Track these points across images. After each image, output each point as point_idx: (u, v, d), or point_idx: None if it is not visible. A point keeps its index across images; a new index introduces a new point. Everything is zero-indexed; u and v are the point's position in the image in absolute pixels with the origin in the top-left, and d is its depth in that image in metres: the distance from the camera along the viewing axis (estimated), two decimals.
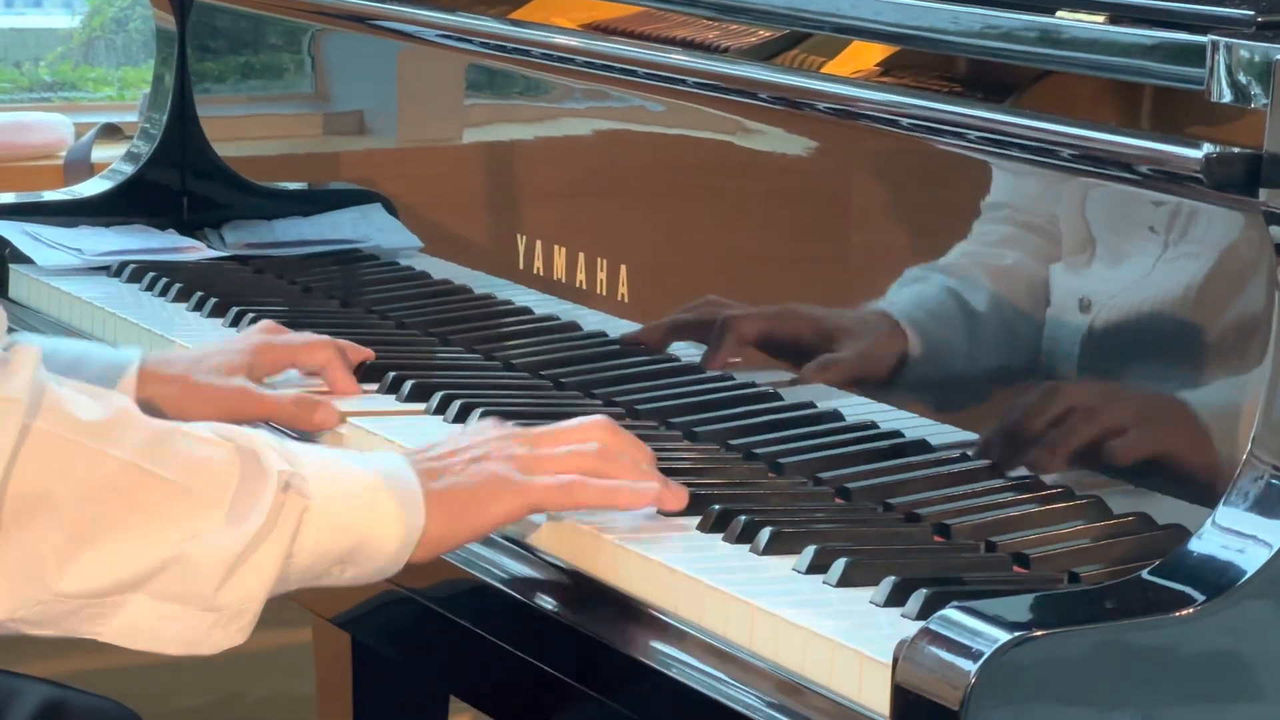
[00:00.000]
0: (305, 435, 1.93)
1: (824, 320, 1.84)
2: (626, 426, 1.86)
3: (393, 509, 1.64)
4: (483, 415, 1.86)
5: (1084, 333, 1.64)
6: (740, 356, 1.90)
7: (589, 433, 1.72)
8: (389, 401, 1.98)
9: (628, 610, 1.61)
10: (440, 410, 1.92)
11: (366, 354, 2.07)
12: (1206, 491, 1.46)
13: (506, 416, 1.81)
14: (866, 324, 1.81)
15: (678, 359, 1.94)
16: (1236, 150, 1.43)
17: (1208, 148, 1.44)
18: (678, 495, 1.69)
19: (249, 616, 1.59)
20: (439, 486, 1.66)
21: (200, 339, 2.15)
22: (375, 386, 2.01)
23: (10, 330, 1.99)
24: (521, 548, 1.71)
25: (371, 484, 1.65)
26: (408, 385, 1.97)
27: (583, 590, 1.64)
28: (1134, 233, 1.60)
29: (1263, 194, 1.42)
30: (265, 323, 2.09)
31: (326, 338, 2.05)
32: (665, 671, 1.53)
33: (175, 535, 1.57)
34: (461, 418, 1.89)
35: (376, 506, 1.64)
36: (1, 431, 1.52)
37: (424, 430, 1.87)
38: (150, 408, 1.88)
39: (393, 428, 1.90)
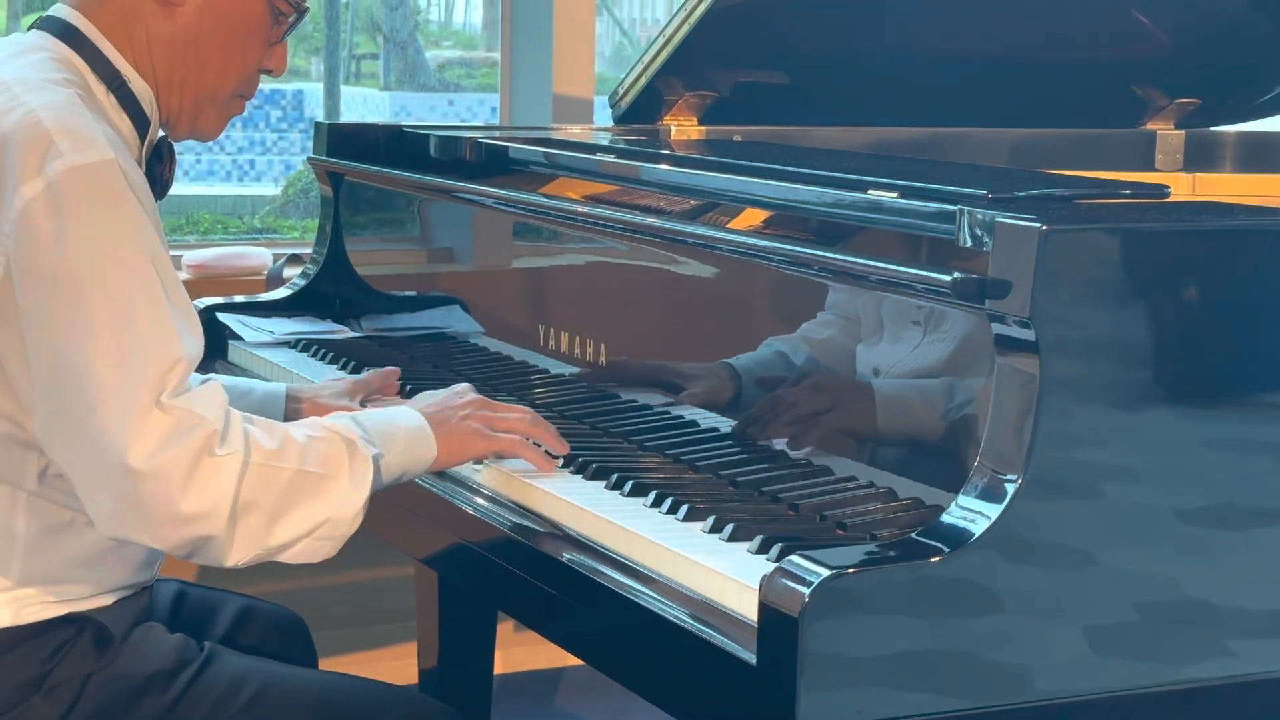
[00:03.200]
0: None
1: (725, 373, 1.82)
2: (602, 442, 1.87)
3: (419, 450, 1.70)
4: None
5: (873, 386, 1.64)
6: (675, 397, 1.88)
7: (526, 412, 1.79)
8: None
9: (596, 553, 1.61)
10: None
11: (395, 372, 2.08)
12: (955, 484, 1.45)
13: None
14: (756, 377, 1.79)
15: (635, 400, 1.93)
16: (973, 276, 1.43)
17: (955, 274, 1.44)
18: (563, 446, 1.78)
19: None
20: (442, 431, 1.72)
21: None
22: None
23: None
24: (542, 524, 1.70)
25: (409, 438, 1.70)
26: None
27: (576, 546, 1.63)
28: (908, 319, 1.59)
29: (987, 303, 1.42)
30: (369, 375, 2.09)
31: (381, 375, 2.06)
32: (619, 593, 1.53)
33: (325, 506, 1.60)
34: None
35: (411, 449, 1.69)
36: (232, 470, 1.54)
37: None
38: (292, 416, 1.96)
39: None
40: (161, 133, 1.76)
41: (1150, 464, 1.43)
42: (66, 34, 1.68)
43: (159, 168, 1.75)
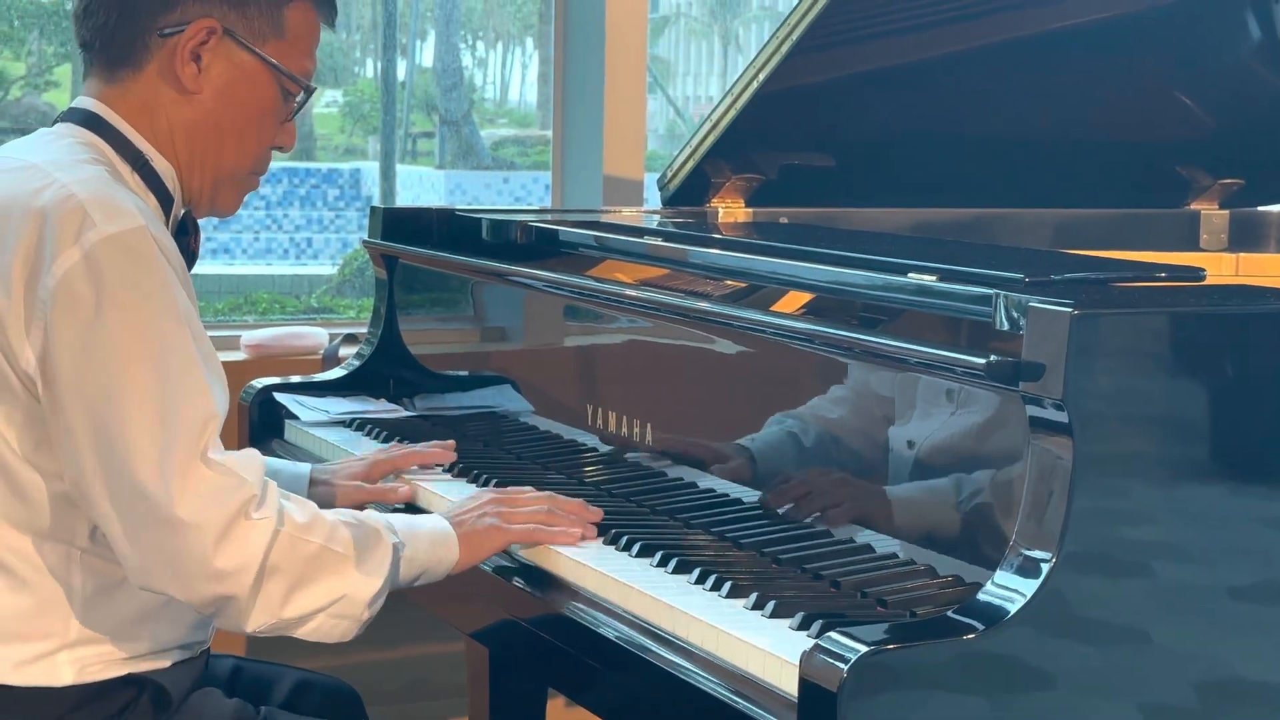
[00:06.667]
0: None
1: (767, 449, 1.83)
2: (649, 519, 1.88)
3: (441, 551, 1.74)
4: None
5: (910, 462, 1.64)
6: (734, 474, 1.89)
7: (543, 500, 1.83)
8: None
9: (642, 629, 1.62)
10: None
11: (447, 458, 2.12)
12: (994, 561, 1.46)
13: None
14: (787, 453, 1.81)
15: (681, 479, 1.94)
16: (1007, 359, 1.44)
17: (992, 357, 1.45)
18: (590, 530, 1.80)
19: (368, 623, 1.68)
20: (463, 531, 1.76)
21: None
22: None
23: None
24: (589, 600, 1.71)
25: (431, 538, 1.74)
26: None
27: (624, 622, 1.65)
28: (943, 399, 1.60)
29: (1021, 385, 1.43)
30: (384, 446, 2.18)
31: (417, 453, 2.11)
32: (665, 669, 1.55)
33: (342, 584, 1.64)
34: None
35: (433, 551, 1.74)
36: (264, 533, 1.59)
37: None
38: (314, 497, 2.00)
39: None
40: (186, 209, 1.82)
41: (1185, 541, 1.44)
42: (89, 121, 1.75)
43: (185, 240, 1.81)
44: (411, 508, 2.03)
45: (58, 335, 1.58)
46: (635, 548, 1.76)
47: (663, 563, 1.71)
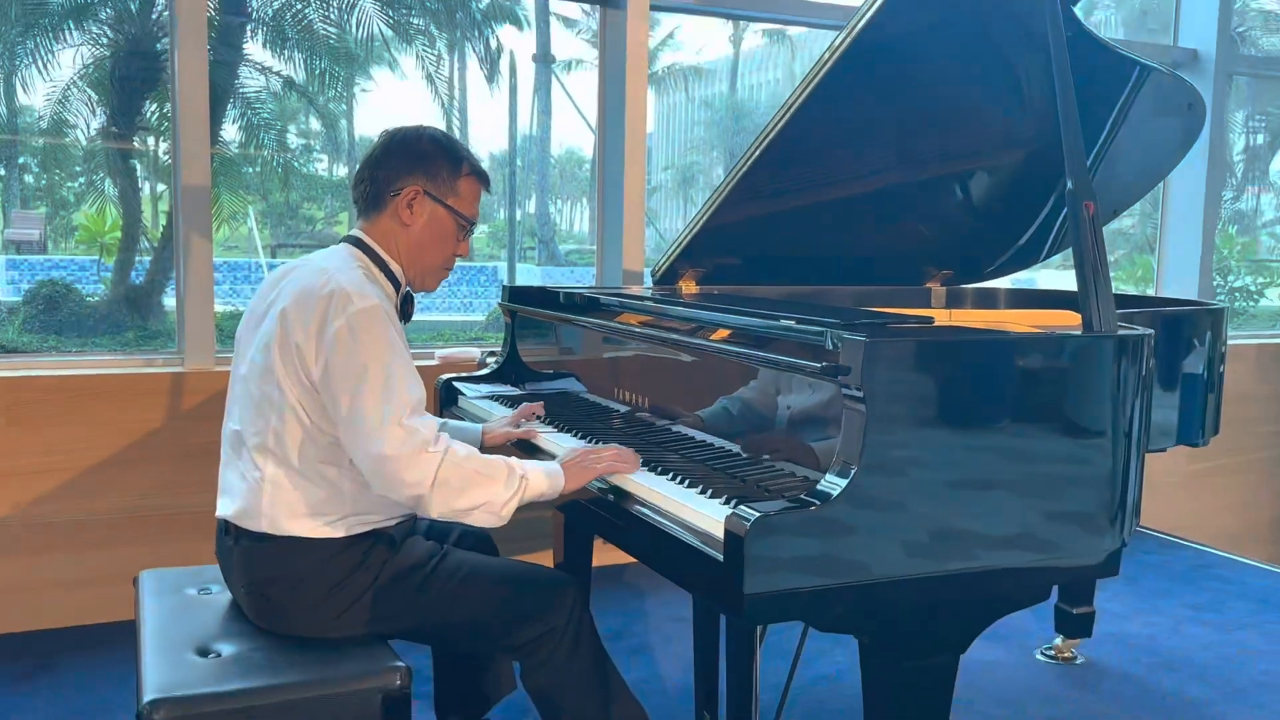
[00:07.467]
0: (528, 444, 1.96)
1: (711, 412, 1.81)
2: (649, 448, 1.83)
3: (555, 481, 1.66)
4: (592, 441, 1.86)
5: (785, 418, 1.63)
6: (685, 421, 1.86)
7: (613, 449, 1.73)
8: (570, 438, 1.96)
9: (643, 504, 1.60)
10: (586, 439, 1.91)
11: (538, 408, 2.02)
12: (824, 469, 1.45)
13: (609, 440, 1.82)
14: (721, 414, 1.78)
15: (665, 427, 1.92)
16: (833, 365, 1.44)
17: (824, 364, 1.45)
18: (638, 466, 1.67)
19: (508, 519, 1.62)
20: (569, 470, 1.68)
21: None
22: (569, 435, 1.98)
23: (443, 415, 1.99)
24: (616, 489, 1.68)
25: (547, 474, 1.66)
26: (578, 432, 1.97)
27: (634, 500, 1.62)
28: (803, 384, 1.59)
29: (840, 378, 1.43)
30: (520, 408, 2.11)
31: (532, 409, 2.06)
32: (658, 526, 1.53)
33: (486, 494, 1.60)
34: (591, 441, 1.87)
35: (550, 481, 1.66)
36: (434, 460, 1.56)
37: (581, 444, 1.85)
38: (487, 438, 1.93)
39: (568, 442, 1.90)
40: (407, 289, 1.82)
41: (924, 458, 1.44)
42: (356, 242, 1.77)
43: (407, 308, 1.82)
44: (526, 443, 2.01)
45: (331, 359, 1.60)
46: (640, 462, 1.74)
47: (653, 469, 1.70)
